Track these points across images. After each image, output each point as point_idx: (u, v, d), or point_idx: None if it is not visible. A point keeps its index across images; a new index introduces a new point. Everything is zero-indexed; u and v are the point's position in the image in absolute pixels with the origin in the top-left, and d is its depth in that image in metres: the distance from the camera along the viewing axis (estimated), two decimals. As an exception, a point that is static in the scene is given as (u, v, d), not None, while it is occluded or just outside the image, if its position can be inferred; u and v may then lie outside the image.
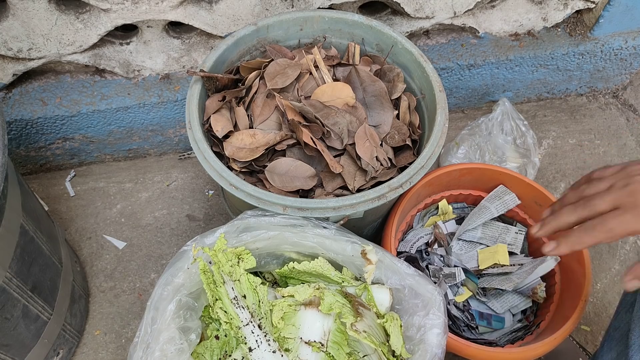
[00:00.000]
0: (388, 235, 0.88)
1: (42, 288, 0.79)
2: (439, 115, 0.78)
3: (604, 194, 0.51)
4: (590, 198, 0.52)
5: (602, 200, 0.50)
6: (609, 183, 0.52)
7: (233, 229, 0.70)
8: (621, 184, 0.50)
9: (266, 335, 0.64)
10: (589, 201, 0.51)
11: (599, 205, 0.51)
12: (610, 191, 0.50)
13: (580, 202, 0.52)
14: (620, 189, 0.50)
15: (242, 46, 0.87)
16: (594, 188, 0.52)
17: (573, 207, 0.53)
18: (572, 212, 0.52)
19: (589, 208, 0.51)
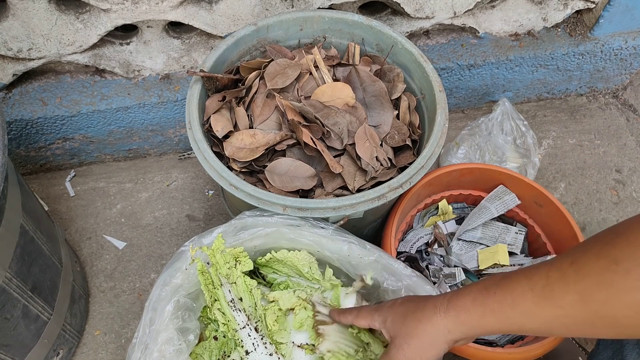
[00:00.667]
0: (388, 235, 0.88)
1: (42, 288, 0.79)
2: (439, 115, 0.78)
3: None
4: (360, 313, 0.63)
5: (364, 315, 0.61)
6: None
7: (231, 229, 0.70)
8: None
9: (263, 338, 0.64)
10: (361, 314, 0.62)
11: (362, 315, 0.61)
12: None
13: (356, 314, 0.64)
14: (374, 310, 0.60)
15: (242, 46, 0.87)
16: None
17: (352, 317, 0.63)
18: (350, 317, 0.63)
19: (361, 317, 0.62)
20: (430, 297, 0.55)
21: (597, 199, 1.21)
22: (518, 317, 0.48)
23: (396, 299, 0.58)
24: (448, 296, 0.53)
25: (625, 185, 1.23)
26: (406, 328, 0.54)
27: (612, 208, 1.19)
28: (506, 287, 0.49)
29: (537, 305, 0.46)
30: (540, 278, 0.47)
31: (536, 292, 0.46)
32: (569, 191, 1.22)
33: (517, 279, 0.49)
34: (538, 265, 0.49)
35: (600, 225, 1.17)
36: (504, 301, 0.49)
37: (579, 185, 1.23)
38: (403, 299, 0.58)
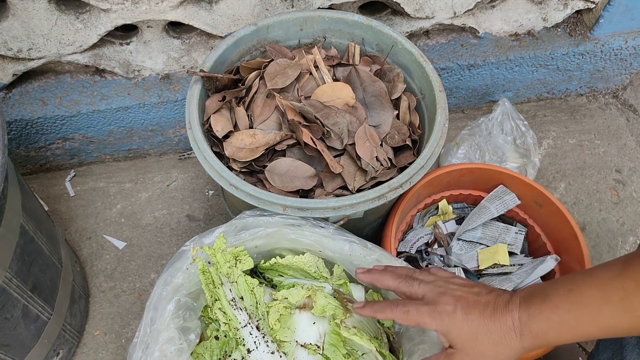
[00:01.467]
0: (388, 235, 0.88)
1: (42, 288, 0.79)
2: (439, 115, 0.78)
3: (424, 283, 0.58)
4: (414, 280, 0.59)
5: (419, 286, 0.58)
6: (434, 279, 0.59)
7: (231, 229, 0.70)
8: (439, 284, 0.57)
9: (264, 337, 0.64)
10: (412, 281, 0.59)
11: (415, 288, 0.58)
12: (428, 284, 0.57)
13: (407, 277, 0.60)
14: (435, 287, 0.57)
15: (242, 46, 0.87)
16: (422, 276, 0.60)
17: (398, 278, 0.60)
18: (395, 279, 0.60)
19: (408, 285, 0.58)
20: (496, 315, 0.52)
21: (597, 199, 1.21)
22: (597, 331, 0.48)
23: (450, 302, 0.54)
24: (517, 315, 0.52)
25: (625, 185, 1.23)
26: (480, 348, 0.53)
27: (612, 208, 1.19)
28: (579, 303, 0.48)
29: (616, 318, 0.46)
30: (616, 290, 0.46)
31: (614, 305, 0.46)
32: (569, 191, 1.22)
33: (589, 293, 0.48)
34: (607, 273, 0.48)
35: (600, 225, 1.17)
36: (581, 319, 0.48)
37: (579, 185, 1.23)
38: (462, 306, 0.54)
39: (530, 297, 0.52)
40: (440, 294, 0.56)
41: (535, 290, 0.53)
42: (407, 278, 0.59)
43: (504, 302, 0.53)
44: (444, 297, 0.55)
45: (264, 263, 0.73)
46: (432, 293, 0.56)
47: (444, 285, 0.57)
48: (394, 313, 0.56)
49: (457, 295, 0.55)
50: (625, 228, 1.17)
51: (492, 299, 0.54)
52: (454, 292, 0.55)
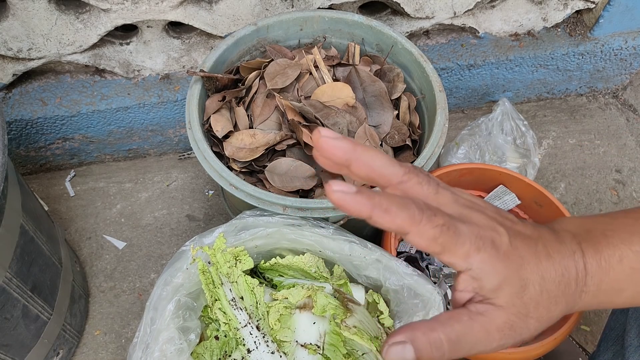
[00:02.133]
0: (388, 235, 0.88)
1: (42, 288, 0.79)
2: (439, 115, 0.78)
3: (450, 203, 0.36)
4: (434, 213, 0.33)
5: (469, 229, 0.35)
6: (455, 199, 0.37)
7: (231, 229, 0.70)
8: (468, 204, 0.37)
9: (264, 337, 0.64)
10: (432, 215, 0.33)
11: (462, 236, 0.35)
12: (454, 204, 0.36)
13: (425, 209, 0.32)
14: (463, 207, 0.36)
15: (242, 46, 0.87)
16: (441, 198, 0.36)
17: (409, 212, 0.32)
18: (407, 217, 0.32)
19: (452, 232, 0.34)
20: (555, 255, 0.35)
21: (597, 199, 1.21)
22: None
23: (505, 236, 0.34)
24: (583, 260, 0.35)
25: (625, 185, 1.23)
26: (532, 306, 0.34)
27: (612, 208, 1.19)
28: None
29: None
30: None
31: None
32: (569, 191, 1.22)
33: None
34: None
35: (600, 225, 1.17)
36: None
37: (579, 185, 1.23)
38: (513, 243, 0.34)
39: (593, 235, 0.37)
40: (492, 218, 0.36)
41: (595, 227, 0.37)
42: (425, 209, 0.32)
43: (556, 240, 0.36)
44: (494, 223, 0.35)
45: (264, 263, 0.73)
46: (464, 210, 0.35)
47: (474, 206, 0.36)
48: (422, 224, 0.31)
49: (507, 226, 0.36)
50: (625, 228, 1.17)
51: (538, 234, 0.36)
52: (505, 222, 0.36)
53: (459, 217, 0.34)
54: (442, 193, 0.35)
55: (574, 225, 0.38)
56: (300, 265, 0.72)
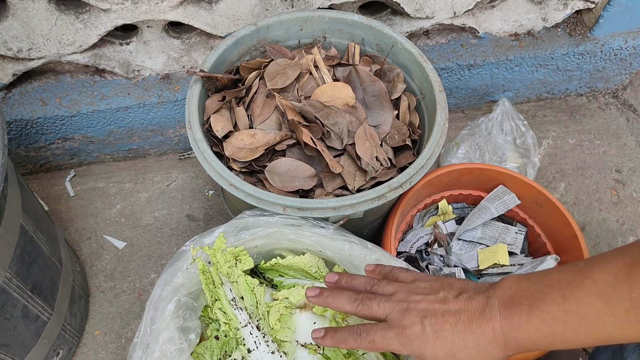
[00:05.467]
0: (388, 235, 0.88)
1: (42, 288, 0.79)
2: (439, 115, 0.78)
3: (383, 300, 0.50)
4: (372, 298, 0.51)
5: (378, 306, 0.50)
6: (393, 290, 0.51)
7: (232, 229, 0.70)
8: (401, 297, 0.50)
9: (264, 336, 0.64)
10: (369, 301, 0.51)
11: (375, 309, 0.50)
12: (389, 299, 0.50)
13: (363, 296, 0.52)
14: (396, 302, 0.50)
15: (242, 46, 0.87)
16: (382, 288, 0.52)
17: (354, 299, 0.52)
18: (351, 303, 0.52)
19: (367, 307, 0.51)
20: (472, 327, 0.46)
21: (597, 199, 1.21)
22: (594, 343, 0.43)
23: (416, 321, 0.48)
24: (498, 324, 0.45)
25: (625, 185, 1.23)
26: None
27: (612, 208, 1.20)
28: (578, 314, 0.42)
29: (619, 331, 0.41)
30: (622, 300, 0.40)
31: (618, 318, 0.40)
32: (569, 191, 1.22)
33: (590, 302, 0.41)
34: (607, 277, 0.41)
35: (600, 225, 1.17)
36: (578, 330, 0.42)
37: (579, 185, 1.23)
38: (431, 323, 0.47)
39: (512, 301, 0.45)
40: (403, 311, 0.49)
41: (517, 292, 0.46)
42: (364, 298, 0.51)
43: (479, 309, 0.47)
44: (409, 315, 0.48)
45: (264, 263, 0.73)
46: (395, 312, 0.49)
47: (406, 299, 0.50)
48: (359, 343, 0.49)
49: (422, 310, 0.48)
50: (625, 228, 1.17)
51: (462, 306, 0.47)
52: (418, 306, 0.49)
53: (391, 321, 0.49)
54: (381, 307, 0.50)
55: (507, 289, 0.47)
56: (301, 266, 0.72)
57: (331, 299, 0.53)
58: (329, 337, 0.52)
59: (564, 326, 0.42)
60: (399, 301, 0.50)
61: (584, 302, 0.42)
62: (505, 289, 0.47)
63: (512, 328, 0.44)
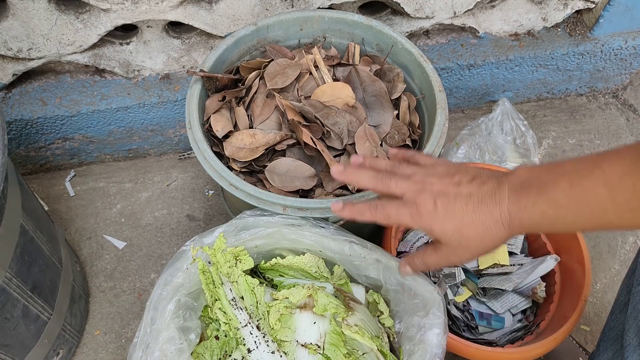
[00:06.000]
0: (388, 235, 0.88)
1: (42, 288, 0.79)
2: (439, 115, 0.78)
3: (401, 179, 0.54)
4: (390, 177, 0.55)
5: (396, 184, 0.54)
6: (412, 171, 0.55)
7: (232, 228, 0.70)
8: (418, 178, 0.54)
9: (265, 336, 0.64)
10: (387, 179, 0.55)
11: (392, 187, 0.54)
12: (407, 179, 0.54)
13: (383, 175, 0.56)
14: (413, 183, 0.54)
15: (242, 46, 0.87)
16: (402, 169, 0.56)
17: (374, 176, 0.56)
18: (372, 180, 0.56)
19: (385, 184, 0.55)
20: (482, 207, 0.49)
21: (597, 199, 1.21)
22: (594, 228, 0.45)
23: (429, 199, 0.52)
24: (506, 207, 0.48)
25: (625, 185, 1.23)
26: (466, 241, 0.51)
27: (612, 208, 1.19)
28: (582, 200, 0.44)
29: (619, 218, 0.42)
30: (625, 190, 0.41)
31: (620, 205, 0.42)
32: (569, 191, 1.22)
33: (595, 191, 0.43)
34: (616, 168, 0.42)
35: (600, 225, 1.17)
36: (580, 215, 0.44)
37: (578, 185, 1.23)
38: (443, 202, 0.51)
39: (522, 187, 0.48)
40: (418, 191, 0.53)
41: (528, 179, 0.48)
42: (384, 177, 0.55)
43: (490, 192, 0.50)
44: (423, 194, 0.52)
45: (264, 263, 0.73)
46: (410, 192, 0.53)
47: (423, 180, 0.53)
48: (374, 215, 0.54)
49: (436, 191, 0.52)
50: (625, 228, 1.17)
51: (474, 189, 0.51)
52: (433, 187, 0.52)
53: (406, 199, 0.53)
54: (399, 185, 0.54)
55: (520, 177, 0.49)
56: (301, 266, 0.72)
57: (354, 175, 0.57)
58: (347, 209, 0.57)
59: (567, 211, 0.45)
60: (415, 182, 0.54)
61: (589, 190, 0.43)
62: (517, 176, 0.49)
63: (519, 210, 0.47)
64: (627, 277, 0.65)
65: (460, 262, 0.54)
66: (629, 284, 0.63)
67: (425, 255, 0.56)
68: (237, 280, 0.67)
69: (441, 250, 0.54)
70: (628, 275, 0.65)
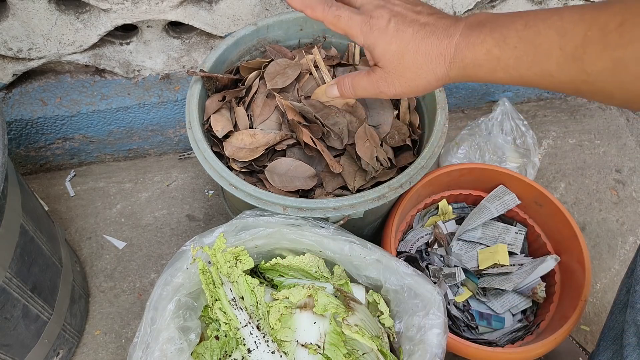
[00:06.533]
0: (388, 235, 0.88)
1: (42, 288, 0.79)
2: (439, 115, 0.78)
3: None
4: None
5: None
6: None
7: (232, 228, 0.70)
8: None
9: (265, 336, 0.64)
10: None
11: None
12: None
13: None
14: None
15: (242, 46, 0.87)
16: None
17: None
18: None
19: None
20: (431, 37, 0.48)
21: (597, 199, 1.21)
22: (532, 77, 0.43)
23: (385, 16, 0.50)
24: (455, 40, 0.47)
25: (625, 185, 1.23)
26: (402, 68, 0.50)
27: (612, 208, 1.20)
28: (531, 42, 0.42)
29: (560, 67, 0.40)
30: (576, 36, 0.39)
31: (565, 52, 0.40)
32: (569, 191, 1.22)
33: (547, 33, 0.41)
34: (574, 16, 0.40)
35: (600, 225, 1.17)
36: (523, 58, 0.42)
37: (579, 185, 1.23)
38: (397, 22, 0.49)
39: (478, 25, 0.46)
40: (378, 6, 0.51)
41: (487, 19, 0.46)
42: (331, 6, 0.53)
43: (445, 26, 0.48)
44: (381, 10, 0.51)
45: (264, 263, 0.74)
46: (371, 4, 0.52)
47: (387, 0, 0.52)
48: (325, 14, 0.52)
49: (395, 11, 0.50)
50: (625, 228, 1.17)
51: (432, 20, 0.49)
52: (393, 8, 0.51)
53: (363, 10, 0.52)
54: (341, 19, 0.52)
55: (479, 16, 0.47)
56: (301, 266, 0.72)
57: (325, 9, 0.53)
58: (300, 2, 0.54)
59: (512, 52, 0.43)
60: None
61: (541, 33, 0.41)
62: (477, 16, 0.48)
63: (465, 46, 0.46)
64: (626, 277, 0.66)
65: (389, 93, 0.52)
66: (628, 283, 0.63)
67: (356, 77, 0.55)
68: (237, 280, 0.67)
69: (375, 74, 0.52)
70: (627, 275, 0.65)
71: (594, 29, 0.38)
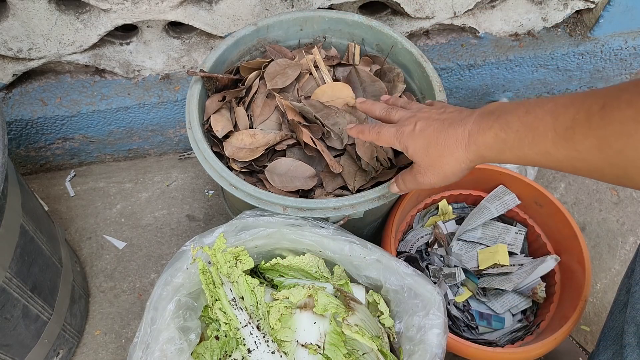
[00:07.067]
0: (388, 236, 0.88)
1: (42, 288, 0.79)
2: (438, 115, 0.78)
3: (402, 110, 0.64)
4: (398, 109, 0.65)
5: (396, 113, 0.64)
6: (417, 107, 0.64)
7: (232, 229, 0.70)
8: (414, 109, 0.63)
9: (265, 336, 0.64)
10: (393, 110, 0.65)
11: (393, 115, 0.65)
12: (406, 111, 0.64)
13: (391, 107, 0.66)
14: (409, 112, 0.63)
15: (242, 46, 0.87)
16: (408, 105, 0.67)
17: (385, 107, 0.67)
18: (382, 109, 0.67)
19: (389, 113, 0.65)
20: (449, 129, 0.56)
21: (597, 199, 1.21)
22: (534, 156, 0.49)
23: (412, 122, 0.60)
24: (469, 128, 0.54)
25: (625, 185, 1.23)
26: (429, 159, 0.58)
27: (612, 208, 1.20)
28: (530, 126, 0.48)
29: (555, 146, 0.46)
30: (566, 119, 0.45)
31: (558, 133, 0.46)
32: (569, 191, 1.22)
33: (543, 117, 0.47)
34: (566, 102, 0.46)
35: (600, 225, 1.17)
36: (524, 139, 0.49)
37: (579, 185, 1.23)
38: (421, 124, 0.59)
39: (488, 113, 0.53)
40: (408, 117, 0.61)
41: (497, 107, 0.54)
42: (391, 108, 0.66)
43: (462, 117, 0.56)
44: (410, 119, 0.61)
45: (264, 264, 0.74)
46: (404, 118, 0.62)
47: (418, 111, 0.62)
48: (370, 134, 0.64)
49: (421, 117, 0.60)
50: (625, 228, 1.17)
51: (451, 115, 0.58)
52: (421, 115, 0.60)
53: (398, 123, 0.62)
54: (398, 113, 0.64)
55: (490, 107, 0.54)
56: (301, 266, 0.72)
57: (370, 105, 0.69)
58: (355, 128, 0.67)
59: (515, 135, 0.50)
60: (411, 111, 0.63)
61: (538, 117, 0.48)
62: (489, 106, 0.55)
63: (477, 132, 0.53)
64: (626, 277, 0.66)
65: (426, 183, 0.61)
66: (628, 284, 0.63)
67: (403, 174, 0.65)
68: (237, 280, 0.67)
69: (413, 169, 0.62)
70: (627, 275, 0.65)
71: (581, 112, 0.44)
